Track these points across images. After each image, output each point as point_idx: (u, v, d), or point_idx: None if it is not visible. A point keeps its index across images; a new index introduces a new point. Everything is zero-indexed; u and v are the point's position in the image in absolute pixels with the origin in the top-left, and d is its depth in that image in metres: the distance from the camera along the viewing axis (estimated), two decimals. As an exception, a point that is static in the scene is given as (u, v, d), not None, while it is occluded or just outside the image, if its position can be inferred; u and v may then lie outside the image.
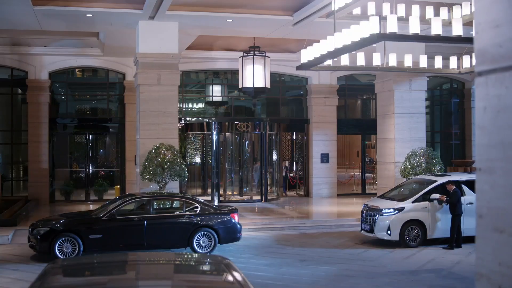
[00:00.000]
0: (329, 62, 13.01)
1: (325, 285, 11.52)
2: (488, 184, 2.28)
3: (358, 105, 28.32)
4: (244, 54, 21.67)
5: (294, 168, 27.34)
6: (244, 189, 24.87)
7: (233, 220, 14.53)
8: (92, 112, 25.85)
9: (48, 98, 23.44)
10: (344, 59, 12.67)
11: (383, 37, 10.40)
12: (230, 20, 17.63)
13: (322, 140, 25.55)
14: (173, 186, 17.60)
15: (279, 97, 26.45)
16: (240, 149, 25.17)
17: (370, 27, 10.25)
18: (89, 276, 3.91)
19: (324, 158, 25.49)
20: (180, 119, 24.50)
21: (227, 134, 24.47)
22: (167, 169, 16.84)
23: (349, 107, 27.43)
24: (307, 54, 13.12)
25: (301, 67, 13.69)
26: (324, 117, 25.48)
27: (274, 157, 25.16)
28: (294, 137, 27.36)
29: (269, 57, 21.72)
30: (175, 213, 14.44)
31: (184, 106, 25.55)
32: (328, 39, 11.67)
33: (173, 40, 17.95)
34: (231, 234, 14.50)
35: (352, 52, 12.55)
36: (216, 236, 14.16)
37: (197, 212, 14.26)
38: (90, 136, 25.28)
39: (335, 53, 11.38)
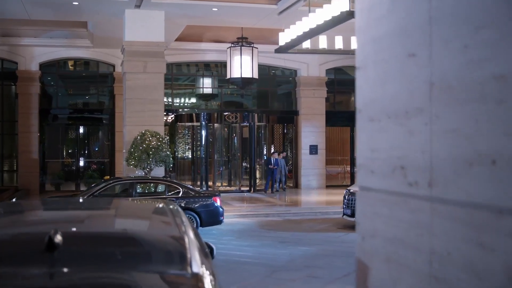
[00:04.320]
0: (307, 45, 13.20)
1: (301, 262, 11.71)
2: (363, 79, 2.48)
3: (346, 97, 28.52)
4: (232, 45, 21.87)
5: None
6: (233, 180, 25.06)
7: (215, 204, 14.71)
8: (83, 104, 26.07)
9: (38, 89, 23.64)
10: (322, 43, 12.85)
11: (353, 14, 10.59)
12: (216, 9, 17.82)
13: (311, 131, 25.75)
14: (158, 173, 17.79)
15: (268, 89, 26.65)
16: (229, 140, 25.38)
17: (341, 5, 10.47)
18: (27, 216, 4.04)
19: (313, 149, 25.68)
20: (169, 111, 24.72)
21: (216, 125, 24.67)
22: (152, 155, 17.02)
23: (337, 99, 27.64)
24: (285, 37, 13.32)
25: (279, 50, 13.89)
26: (313, 109, 25.67)
27: (264, 149, 25.35)
28: (283, 128, 27.55)
29: (257, 48, 21.91)
30: (158, 196, 14.63)
31: (174, 98, 25.73)
32: (303, 20, 11.87)
33: (159, 29, 18.14)
34: (213, 217, 14.69)
35: (331, 35, 12.74)
36: (198, 219, 14.35)
37: (180, 195, 14.45)
38: (81, 127, 25.48)
39: (310, 34, 11.58)
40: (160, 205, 4.14)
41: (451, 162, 1.91)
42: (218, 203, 14.74)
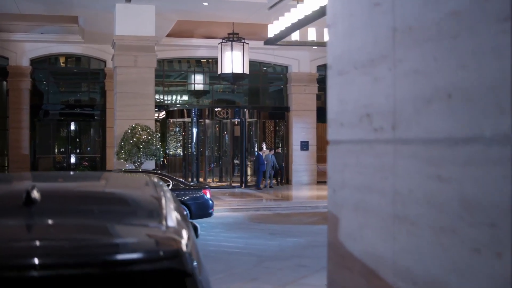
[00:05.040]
0: (296, 37, 13.25)
1: (289, 252, 11.79)
2: (333, 35, 2.54)
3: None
4: (223, 41, 21.91)
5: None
6: (224, 175, 25.11)
7: (205, 196, 14.74)
8: (74, 100, 26.07)
9: (29, 85, 23.63)
10: (311, 35, 12.91)
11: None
12: (206, 4, 17.84)
13: (302, 128, 25.81)
14: (149, 167, 17.80)
15: (259, 86, 26.72)
16: (220, 136, 25.43)
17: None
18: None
19: (304, 145, 25.75)
20: (160, 107, 24.75)
21: (207, 121, 24.71)
22: (143, 148, 17.04)
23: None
24: (274, 29, 13.37)
25: (269, 41, 13.94)
26: (304, 105, 25.74)
27: (255, 144, 25.41)
28: (274, 125, 27.60)
29: (248, 43, 21.95)
30: (148, 188, 14.63)
31: (165, 94, 25.77)
32: (292, 11, 11.93)
33: (149, 23, 18.15)
34: (203, 209, 14.72)
35: (320, 29, 12.80)
36: (188, 212, 14.37)
37: (170, 188, 14.46)
38: (72, 123, 25.47)
39: (299, 24, 11.63)
40: (142, 175, 4.18)
41: (412, 102, 1.97)
42: (207, 195, 14.77)
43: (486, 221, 1.65)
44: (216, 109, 24.35)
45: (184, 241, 2.44)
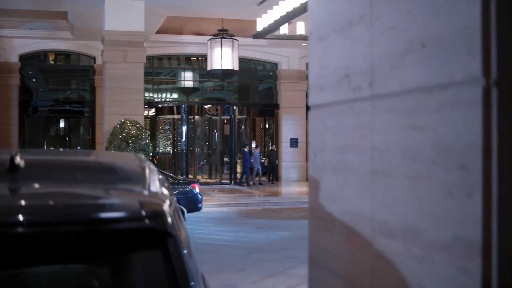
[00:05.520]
0: (285, 31, 13.30)
1: (277, 245, 11.84)
2: (315, 2, 2.57)
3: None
4: (213, 37, 21.93)
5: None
6: (214, 172, 25.13)
7: (194, 191, 14.75)
8: (63, 96, 26.00)
9: (18, 81, 23.57)
10: (300, 29, 12.96)
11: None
12: (196, -1, 17.88)
13: (291, 124, 25.87)
14: (138, 162, 17.76)
15: (249, 83, 26.77)
16: (209, 133, 25.45)
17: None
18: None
19: (293, 142, 25.81)
20: (150, 104, 24.74)
21: (196, 117, 24.72)
22: (132, 143, 17.03)
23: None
24: (262, 22, 13.40)
25: (257, 35, 13.97)
26: (294, 102, 25.79)
27: (245, 141, 25.43)
28: (264, 121, 27.66)
29: (237, 40, 21.99)
30: (137, 182, 14.63)
31: (154, 92, 25.76)
32: (280, 4, 11.97)
33: (139, 19, 18.14)
34: (192, 204, 14.72)
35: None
36: (177, 206, 14.39)
37: (159, 181, 14.47)
38: (61, 120, 25.41)
39: (288, 17, 11.67)
40: (128, 152, 4.21)
41: (388, 58, 2.01)
42: (197, 190, 14.79)
43: (459, 164, 1.69)
44: (206, 106, 24.38)
45: (166, 204, 2.47)
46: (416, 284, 1.87)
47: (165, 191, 2.80)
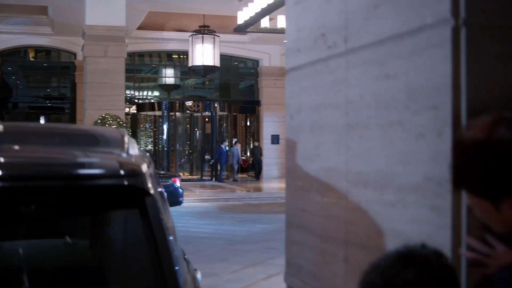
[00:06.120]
0: (266, 24, 13.33)
1: (258, 237, 11.88)
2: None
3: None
4: (194, 33, 21.91)
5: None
6: (195, 168, 25.11)
7: (175, 185, 14.73)
8: (44, 92, 25.81)
9: (-3, 77, 23.40)
10: (281, 23, 12.99)
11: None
12: (177, -6, 17.86)
13: (273, 121, 25.89)
14: (119, 157, 17.71)
15: (230, 79, 26.80)
16: (191, 129, 25.43)
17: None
18: None
19: (275, 139, 25.84)
20: (131, 102, 24.67)
21: (178, 114, 24.69)
22: (113, 138, 16.95)
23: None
24: (243, 15, 13.42)
25: (238, 28, 13.98)
26: (275, 99, 25.77)
27: (225, 138, 25.44)
28: (245, 118, 27.68)
29: (219, 36, 21.99)
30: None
31: (135, 90, 25.68)
32: (261, -3, 12.02)
33: (120, 13, 18.05)
34: (173, 197, 14.67)
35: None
36: (158, 199, 14.37)
37: (139, 175, 14.44)
38: (42, 116, 25.23)
39: (268, 10, 11.70)
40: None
41: (362, 11, 2.06)
42: (177, 184, 14.77)
43: (429, 105, 1.74)
44: (187, 103, 24.35)
45: (144, 165, 2.51)
46: (390, 229, 1.91)
47: (144, 156, 2.84)
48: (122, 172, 2.41)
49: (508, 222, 1.40)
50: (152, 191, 2.42)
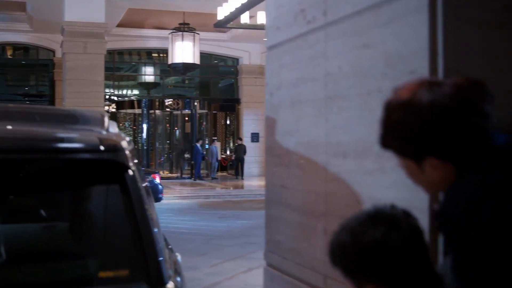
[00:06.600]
0: (246, 20, 13.35)
1: (238, 232, 11.90)
2: None
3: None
4: (174, 31, 21.87)
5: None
6: (175, 167, 25.06)
7: (154, 181, 14.69)
8: (21, 90, 25.59)
9: (-26, 74, 23.16)
10: (261, 18, 13.01)
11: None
12: (157, -10, 17.80)
13: (253, 119, 25.92)
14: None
15: (210, 77, 26.78)
16: (171, 128, 25.38)
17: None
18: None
19: (255, 137, 25.87)
20: (110, 100, 24.56)
21: (157, 112, 24.62)
22: (92, 135, 16.87)
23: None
24: (223, 11, 13.43)
25: (218, 24, 13.98)
26: (255, 97, 25.80)
27: (205, 137, 25.43)
28: (225, 116, 27.69)
29: (199, 33, 21.97)
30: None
31: (115, 88, 25.56)
32: (241, -8, 12.03)
33: (99, 10, 17.96)
34: (152, 194, 14.65)
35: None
36: (137, 196, 14.32)
37: (119, 172, 14.38)
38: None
39: (248, 5, 11.72)
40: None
41: (342, -17, 2.08)
42: (157, 180, 14.75)
43: (407, 70, 1.77)
44: (167, 100, 24.30)
45: (124, 142, 2.52)
46: (369, 196, 1.94)
47: (123, 135, 2.85)
48: (102, 147, 2.43)
49: (431, 182, 1.43)
50: (132, 167, 2.43)
